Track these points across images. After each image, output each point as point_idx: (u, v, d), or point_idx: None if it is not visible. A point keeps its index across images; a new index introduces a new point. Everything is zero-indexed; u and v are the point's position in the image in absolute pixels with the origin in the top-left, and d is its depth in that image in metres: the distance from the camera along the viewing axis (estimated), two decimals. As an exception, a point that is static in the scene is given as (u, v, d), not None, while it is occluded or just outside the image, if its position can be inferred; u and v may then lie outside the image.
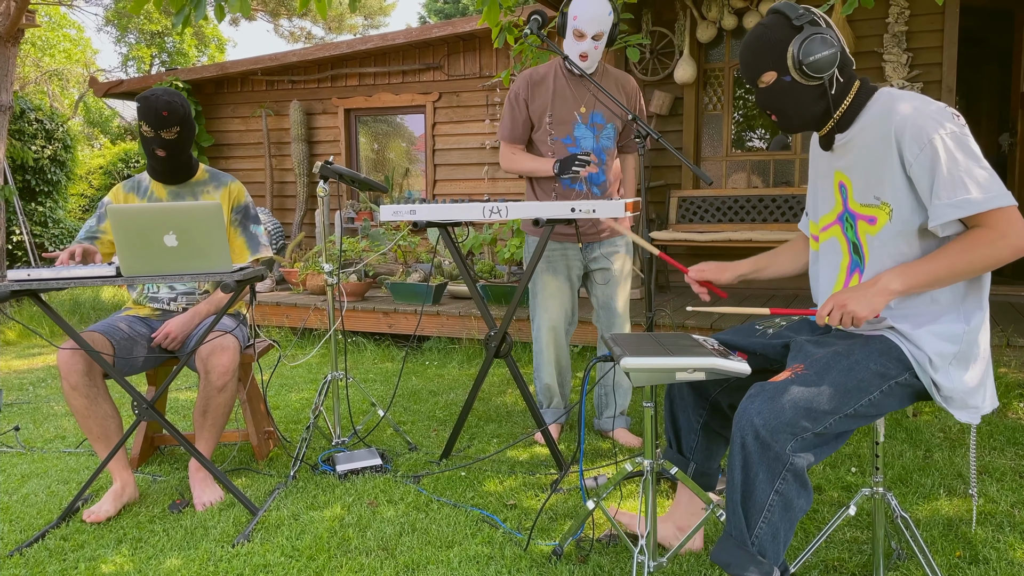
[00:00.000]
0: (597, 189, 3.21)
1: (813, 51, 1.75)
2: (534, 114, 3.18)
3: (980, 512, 2.54)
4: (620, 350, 1.89)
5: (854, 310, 1.72)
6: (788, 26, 1.79)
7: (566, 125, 3.15)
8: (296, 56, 7.53)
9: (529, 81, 3.18)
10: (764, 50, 1.81)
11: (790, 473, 1.68)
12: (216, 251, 2.46)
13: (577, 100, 3.15)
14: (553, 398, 3.38)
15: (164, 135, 2.78)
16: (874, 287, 1.74)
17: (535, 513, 2.60)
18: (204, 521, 2.59)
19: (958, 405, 1.78)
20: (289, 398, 4.29)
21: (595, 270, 3.29)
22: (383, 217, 3.02)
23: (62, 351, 2.65)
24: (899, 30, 5.62)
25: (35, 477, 3.08)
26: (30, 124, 9.24)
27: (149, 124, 2.75)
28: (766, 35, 1.81)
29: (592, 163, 2.96)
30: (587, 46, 3.00)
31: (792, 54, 1.77)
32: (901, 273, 1.73)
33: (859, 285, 1.77)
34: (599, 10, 2.95)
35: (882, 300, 1.72)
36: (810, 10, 1.81)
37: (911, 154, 1.73)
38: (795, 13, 1.78)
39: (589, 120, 3.16)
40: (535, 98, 3.17)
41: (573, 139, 3.17)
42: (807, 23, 1.77)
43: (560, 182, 3.18)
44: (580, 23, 2.98)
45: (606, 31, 3.01)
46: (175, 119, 2.76)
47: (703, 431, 2.15)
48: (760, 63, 1.83)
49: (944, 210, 1.68)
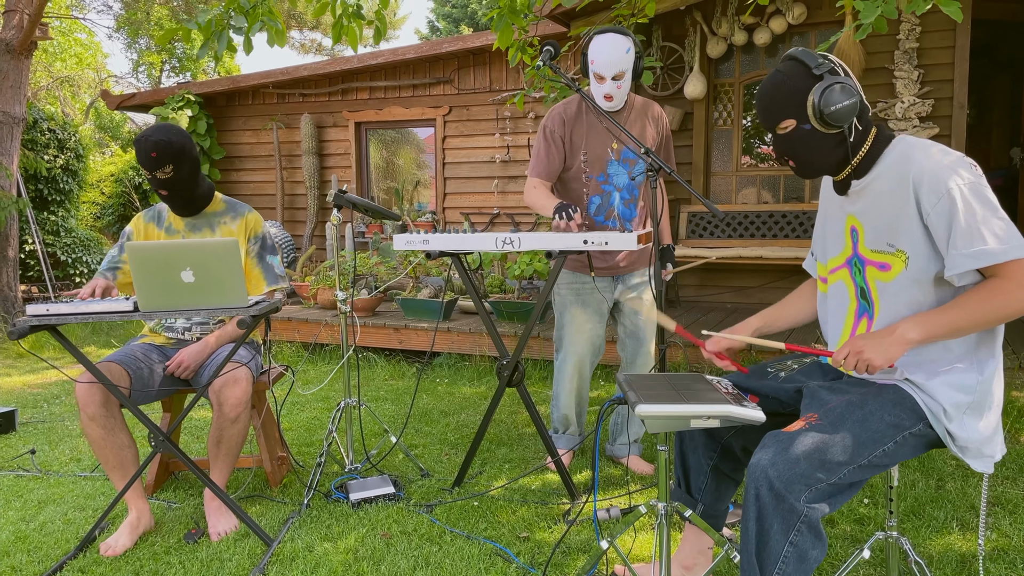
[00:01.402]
0: (629, 224, 3.21)
1: (834, 101, 1.76)
2: (570, 152, 3.16)
3: (992, 548, 2.54)
4: (635, 396, 1.90)
5: (870, 358, 1.73)
6: (808, 75, 1.79)
7: (600, 162, 3.14)
8: (307, 70, 7.57)
9: (564, 117, 3.14)
10: (783, 98, 1.82)
11: (804, 525, 1.69)
12: (232, 286, 2.48)
13: (609, 136, 3.13)
14: (569, 426, 3.39)
15: (159, 175, 2.79)
16: (891, 336, 1.74)
17: (547, 545, 2.62)
18: (220, 553, 2.61)
19: (973, 455, 1.79)
20: (301, 417, 4.31)
21: (624, 301, 3.29)
22: (396, 247, 3.04)
23: (80, 383, 2.67)
24: (910, 47, 5.62)
25: (52, 503, 3.11)
26: (43, 134, 9.31)
27: (144, 167, 2.78)
28: (785, 83, 1.81)
29: (574, 222, 2.90)
30: (609, 87, 3.00)
31: (813, 103, 1.78)
32: (919, 323, 1.73)
33: (876, 332, 1.77)
34: (616, 52, 2.94)
35: (899, 350, 1.73)
36: (828, 58, 1.82)
37: (929, 203, 1.73)
38: (814, 62, 1.79)
39: (621, 156, 3.15)
40: (571, 136, 3.14)
41: (607, 176, 3.16)
42: (827, 72, 1.78)
43: (593, 219, 3.19)
44: (598, 67, 2.97)
45: (627, 70, 2.99)
46: (166, 158, 2.76)
47: (713, 473, 2.16)
48: (779, 110, 1.83)
49: (961, 260, 1.69)
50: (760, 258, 5.63)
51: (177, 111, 7.75)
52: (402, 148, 8.22)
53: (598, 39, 2.98)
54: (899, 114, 5.67)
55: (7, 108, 7.57)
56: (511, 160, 7.10)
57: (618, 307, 3.31)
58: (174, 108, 7.76)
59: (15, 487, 3.30)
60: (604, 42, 2.96)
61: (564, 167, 3.19)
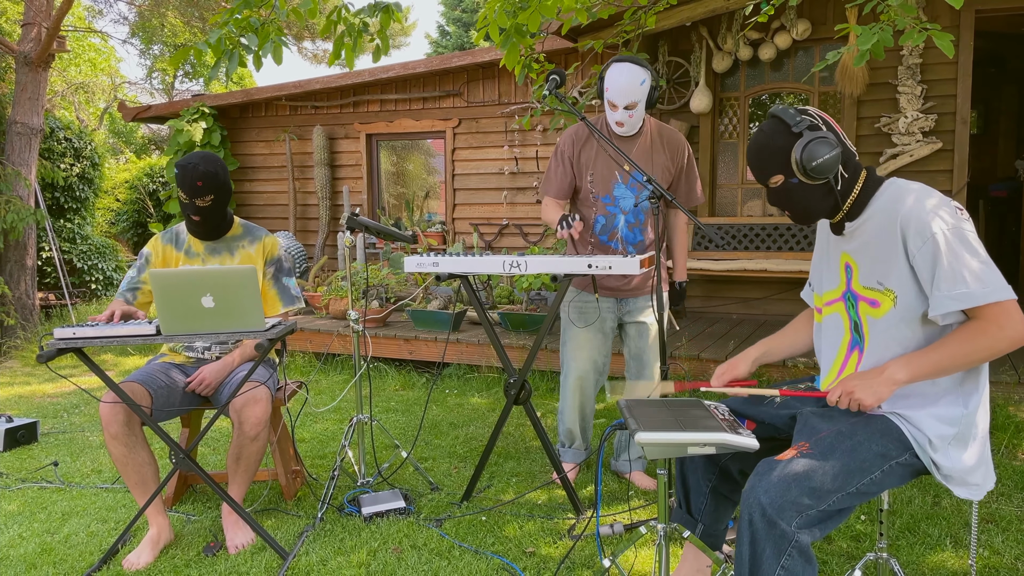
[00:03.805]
0: (633, 248, 3.28)
1: (816, 155, 1.85)
2: (578, 172, 3.26)
3: (984, 565, 2.62)
4: (635, 423, 1.99)
5: (860, 398, 1.83)
6: (788, 132, 1.89)
7: (606, 184, 3.23)
8: (319, 83, 7.69)
9: (574, 138, 3.24)
10: (768, 156, 1.92)
11: (795, 549, 1.78)
12: (250, 311, 2.59)
13: (618, 159, 3.23)
14: (574, 440, 3.48)
15: (199, 203, 2.92)
16: (880, 376, 1.84)
17: (553, 561, 2.71)
18: (237, 566, 2.72)
19: (958, 483, 1.87)
20: (314, 429, 4.42)
21: (629, 323, 3.37)
22: (407, 269, 3.14)
23: (103, 403, 2.79)
24: (913, 62, 5.69)
25: (75, 516, 3.23)
26: (59, 143, 9.47)
27: (185, 192, 2.90)
28: (768, 143, 1.92)
29: (573, 229, 2.96)
30: (621, 115, 3.08)
31: (796, 160, 1.88)
32: (906, 364, 1.83)
33: (866, 372, 1.87)
34: (629, 82, 3.00)
35: (887, 390, 1.83)
36: (807, 113, 1.92)
37: (915, 246, 1.83)
38: (793, 120, 1.89)
39: (630, 180, 3.22)
40: (579, 156, 3.24)
41: (612, 198, 3.24)
42: (806, 128, 1.87)
43: (598, 238, 3.28)
44: (611, 95, 3.05)
45: (640, 100, 3.05)
46: (210, 188, 2.90)
47: (712, 494, 2.25)
48: (767, 168, 1.94)
49: (944, 302, 1.79)
50: (764, 271, 5.71)
51: (192, 123, 7.89)
52: (412, 154, 8.34)
53: (615, 67, 3.05)
54: (902, 129, 5.74)
55: (25, 119, 7.72)
56: (520, 172, 7.20)
57: (623, 329, 3.40)
58: (189, 120, 7.89)
59: (39, 499, 3.42)
60: (621, 72, 3.03)
61: (575, 187, 3.29)
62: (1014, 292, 1.78)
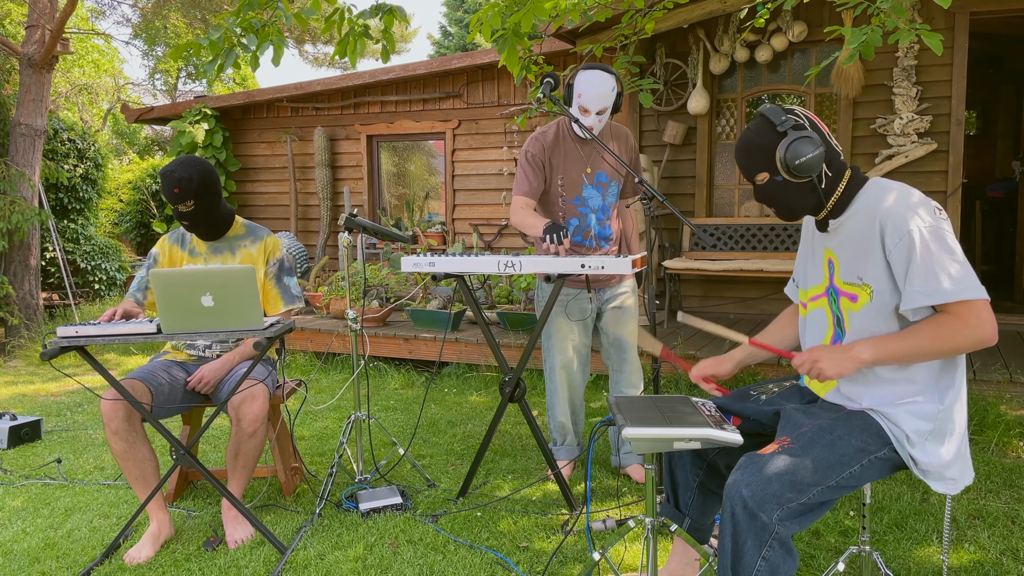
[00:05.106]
0: (605, 243, 3.40)
1: (799, 154, 1.91)
2: (550, 175, 3.34)
3: (969, 560, 2.67)
4: (623, 419, 2.04)
5: (823, 368, 1.89)
6: (773, 131, 1.95)
7: (576, 187, 3.33)
8: (320, 85, 7.76)
9: (543, 143, 3.32)
10: (754, 154, 1.98)
11: (776, 541, 1.83)
12: (249, 310, 2.64)
13: (584, 161, 3.32)
14: (567, 436, 3.53)
15: (181, 208, 3.00)
16: (847, 353, 1.90)
17: (546, 555, 2.76)
18: (236, 560, 2.78)
19: (935, 478, 1.92)
20: (313, 426, 4.48)
21: (606, 311, 3.46)
22: (404, 268, 3.20)
23: (105, 400, 2.85)
24: (909, 64, 5.73)
25: (78, 511, 3.28)
26: (63, 144, 9.54)
27: (167, 198, 2.99)
28: (754, 140, 1.98)
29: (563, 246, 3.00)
30: (591, 120, 3.17)
31: (780, 158, 1.93)
32: (872, 346, 1.89)
33: (835, 347, 1.94)
34: (602, 89, 3.11)
35: (851, 366, 1.89)
36: (793, 112, 1.97)
37: (891, 242, 1.88)
38: (779, 119, 1.94)
39: (595, 180, 3.34)
40: (550, 160, 3.32)
41: (582, 199, 3.34)
42: (790, 128, 1.93)
43: (571, 239, 3.35)
44: (585, 100, 3.13)
45: (609, 106, 3.17)
46: (187, 194, 2.96)
47: (699, 489, 2.30)
48: (752, 165, 2.00)
49: (916, 296, 1.84)
50: (761, 271, 5.75)
51: (194, 124, 7.95)
52: (414, 155, 8.39)
53: (586, 74, 3.13)
54: (898, 130, 5.78)
55: (29, 121, 7.80)
56: (519, 172, 7.25)
57: (600, 317, 3.48)
58: (191, 121, 7.96)
59: (43, 495, 3.48)
60: (592, 79, 3.11)
61: (544, 189, 3.36)
62: (987, 293, 1.83)
